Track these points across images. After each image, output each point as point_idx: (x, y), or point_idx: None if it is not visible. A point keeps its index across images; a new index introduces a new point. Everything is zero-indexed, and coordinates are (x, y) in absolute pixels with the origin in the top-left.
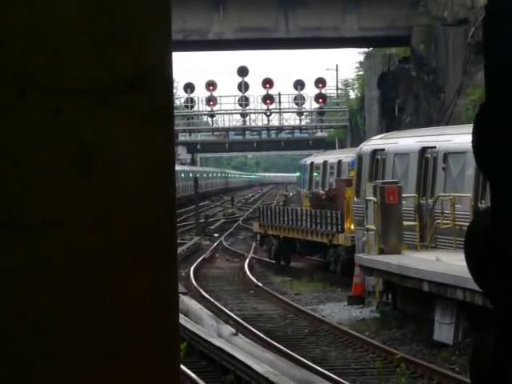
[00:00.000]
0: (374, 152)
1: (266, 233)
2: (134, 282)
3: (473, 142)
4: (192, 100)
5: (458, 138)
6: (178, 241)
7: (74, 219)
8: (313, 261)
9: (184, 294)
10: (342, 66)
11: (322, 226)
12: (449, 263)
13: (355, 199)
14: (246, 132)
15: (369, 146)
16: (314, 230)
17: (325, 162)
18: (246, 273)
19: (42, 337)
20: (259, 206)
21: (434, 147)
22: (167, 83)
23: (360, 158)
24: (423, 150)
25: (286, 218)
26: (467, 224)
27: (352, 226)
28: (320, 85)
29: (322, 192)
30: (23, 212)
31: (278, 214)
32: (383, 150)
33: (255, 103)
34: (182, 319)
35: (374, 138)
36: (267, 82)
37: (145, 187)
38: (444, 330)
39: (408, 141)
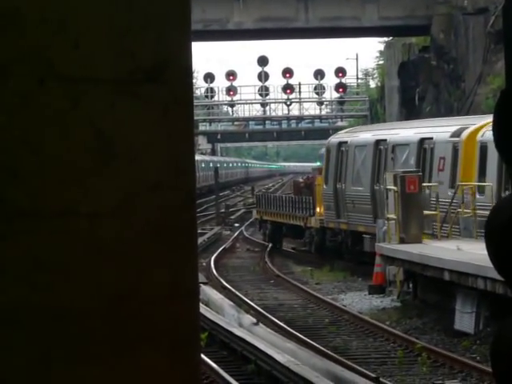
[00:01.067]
0: (340, 144)
1: (262, 218)
2: (154, 271)
3: (493, 130)
4: (212, 90)
5: (404, 132)
6: (199, 231)
7: (94, 208)
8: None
9: (205, 283)
10: (362, 56)
11: (299, 210)
12: (470, 252)
13: (324, 186)
14: (266, 122)
15: (336, 138)
16: (293, 215)
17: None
18: (266, 262)
19: (62, 326)
20: (256, 195)
21: (385, 140)
22: (186, 72)
23: (328, 149)
24: (377, 142)
25: (274, 205)
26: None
27: (321, 210)
28: (340, 74)
29: (301, 180)
30: (43, 201)
31: (270, 200)
32: (346, 142)
33: (275, 93)
34: (203, 309)
35: (340, 132)
36: (287, 72)
37: (164, 177)
38: (465, 319)
39: (366, 135)
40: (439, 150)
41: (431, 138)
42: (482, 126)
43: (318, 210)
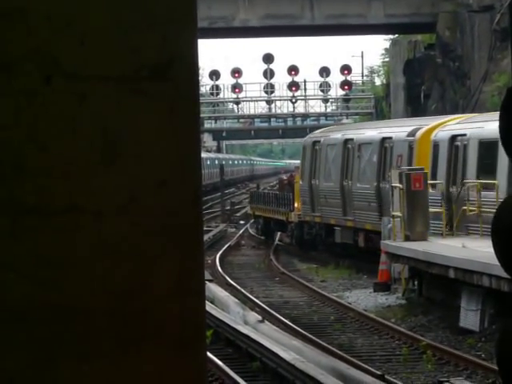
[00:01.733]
0: (314, 143)
1: (254, 213)
2: (159, 268)
3: (500, 127)
4: (217, 87)
5: (369, 131)
6: (204, 228)
7: (100, 206)
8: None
9: (210, 281)
10: (367, 53)
11: (282, 206)
12: (475, 250)
13: (301, 183)
14: (272, 119)
15: (310, 138)
16: (277, 210)
17: None
18: (271, 260)
19: (69, 323)
20: (250, 191)
21: (353, 139)
22: (192, 70)
23: (304, 148)
24: (345, 141)
25: (264, 201)
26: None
27: (299, 206)
28: (345, 72)
29: (285, 178)
30: (49, 198)
31: (260, 197)
32: (320, 141)
33: (281, 90)
34: (209, 306)
35: (315, 131)
36: (293, 69)
37: (170, 174)
38: (470, 317)
39: (337, 134)
40: (397, 148)
41: (391, 138)
42: (435, 126)
43: (296, 205)
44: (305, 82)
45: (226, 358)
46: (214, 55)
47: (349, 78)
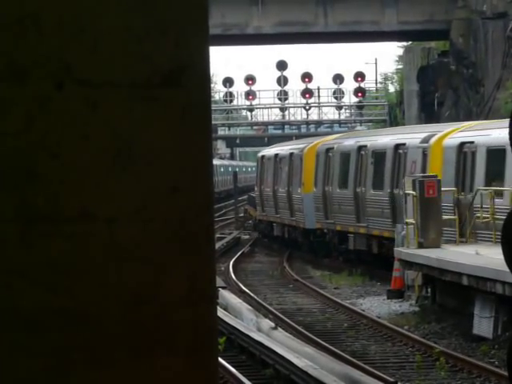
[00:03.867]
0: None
1: (249, 213)
2: (172, 274)
3: (510, 133)
4: (231, 94)
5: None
6: (218, 235)
7: (112, 212)
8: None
9: (223, 288)
10: (381, 60)
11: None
12: (488, 257)
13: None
14: (285, 126)
15: (268, 151)
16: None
17: None
18: (285, 267)
19: (81, 330)
20: (248, 195)
21: (333, 148)
22: (204, 77)
23: (260, 158)
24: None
25: (253, 203)
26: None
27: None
28: (359, 79)
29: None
30: (62, 205)
31: (252, 200)
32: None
33: (294, 97)
34: (222, 313)
35: (272, 146)
36: (306, 76)
37: (182, 181)
38: (483, 324)
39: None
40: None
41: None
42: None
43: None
44: (318, 88)
45: (240, 365)
46: (228, 62)
47: (362, 84)
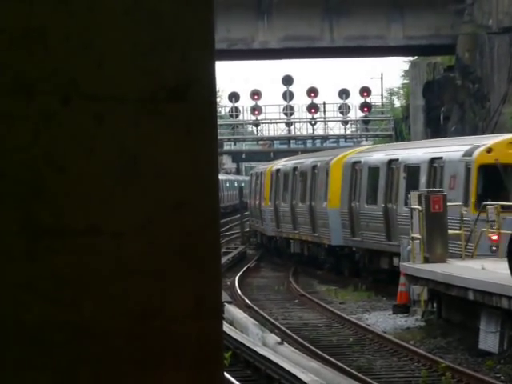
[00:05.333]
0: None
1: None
2: (177, 289)
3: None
4: (237, 109)
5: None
6: (224, 250)
7: (118, 227)
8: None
9: (229, 302)
10: (386, 75)
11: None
12: (494, 271)
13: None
14: (291, 141)
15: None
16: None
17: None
18: (290, 282)
19: (86, 344)
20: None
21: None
22: (210, 92)
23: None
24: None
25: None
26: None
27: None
28: (365, 93)
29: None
30: (67, 219)
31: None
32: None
33: (300, 112)
34: (228, 328)
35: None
36: (312, 91)
37: (188, 195)
38: (489, 339)
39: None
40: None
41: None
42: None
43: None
44: (324, 104)
45: (245, 380)
46: (234, 77)
47: (368, 99)
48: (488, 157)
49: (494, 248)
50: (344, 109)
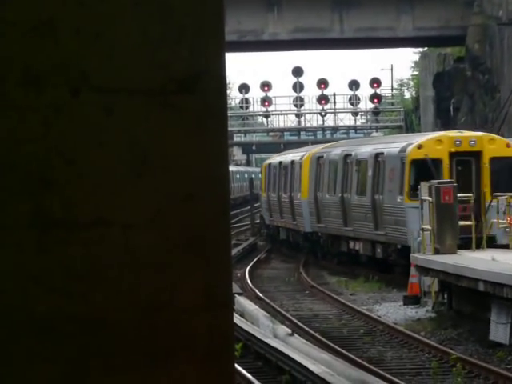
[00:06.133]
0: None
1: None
2: (187, 281)
3: None
4: (247, 101)
5: (288, 156)
6: (234, 241)
7: (127, 219)
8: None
9: (239, 294)
10: (396, 66)
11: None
12: (505, 263)
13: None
14: (301, 132)
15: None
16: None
17: None
18: (301, 273)
19: (97, 336)
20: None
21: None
22: (220, 83)
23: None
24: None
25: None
26: None
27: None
28: (375, 85)
29: None
30: (77, 212)
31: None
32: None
33: (310, 103)
34: (238, 320)
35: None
36: (322, 83)
37: (198, 187)
38: (500, 330)
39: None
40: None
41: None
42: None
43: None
44: (334, 95)
45: (256, 371)
46: (244, 69)
47: (378, 91)
48: (419, 152)
49: None
50: (354, 100)
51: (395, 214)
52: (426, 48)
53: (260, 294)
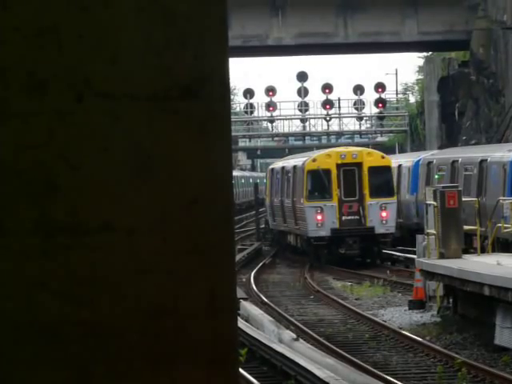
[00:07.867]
0: (282, 167)
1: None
2: (191, 286)
3: None
4: (252, 106)
5: (292, 161)
6: (239, 246)
7: (132, 224)
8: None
9: (245, 299)
10: (401, 71)
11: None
12: (510, 267)
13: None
14: (306, 137)
15: (276, 165)
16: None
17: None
18: (306, 278)
19: (101, 341)
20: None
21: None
22: (224, 89)
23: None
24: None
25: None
26: None
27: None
28: (379, 89)
29: None
30: (81, 217)
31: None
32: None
33: (315, 108)
34: (243, 325)
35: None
36: (327, 87)
37: (201, 192)
38: (505, 334)
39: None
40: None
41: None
42: None
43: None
44: (339, 99)
45: (261, 377)
46: (248, 73)
47: (383, 95)
48: (313, 164)
49: None
50: (359, 105)
51: (300, 212)
52: (430, 52)
53: (265, 299)
